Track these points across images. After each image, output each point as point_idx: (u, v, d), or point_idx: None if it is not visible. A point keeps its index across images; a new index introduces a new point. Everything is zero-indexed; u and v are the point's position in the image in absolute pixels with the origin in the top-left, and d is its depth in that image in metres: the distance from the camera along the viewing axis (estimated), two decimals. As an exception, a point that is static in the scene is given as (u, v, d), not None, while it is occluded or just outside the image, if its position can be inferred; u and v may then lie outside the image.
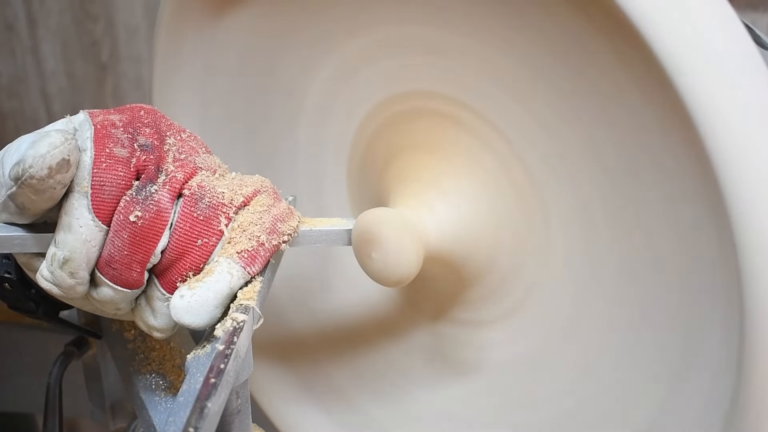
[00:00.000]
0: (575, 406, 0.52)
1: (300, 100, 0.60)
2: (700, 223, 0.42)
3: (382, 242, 0.48)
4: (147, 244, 0.42)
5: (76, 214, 0.41)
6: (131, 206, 0.42)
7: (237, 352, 0.39)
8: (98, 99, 1.27)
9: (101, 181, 0.41)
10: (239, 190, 0.44)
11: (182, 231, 0.43)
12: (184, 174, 0.43)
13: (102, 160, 0.41)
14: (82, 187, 0.41)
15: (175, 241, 0.43)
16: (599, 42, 0.43)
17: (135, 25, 1.20)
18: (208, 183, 0.44)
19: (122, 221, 0.42)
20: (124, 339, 0.58)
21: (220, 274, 0.42)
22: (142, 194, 0.42)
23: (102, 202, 0.41)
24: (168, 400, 0.51)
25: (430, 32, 0.50)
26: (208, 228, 0.43)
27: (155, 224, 0.42)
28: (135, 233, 0.42)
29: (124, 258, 0.42)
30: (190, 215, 0.43)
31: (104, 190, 0.41)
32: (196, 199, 0.43)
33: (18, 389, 0.74)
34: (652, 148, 0.43)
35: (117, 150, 0.42)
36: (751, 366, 0.38)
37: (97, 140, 0.42)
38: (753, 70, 0.37)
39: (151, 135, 0.44)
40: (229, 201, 0.44)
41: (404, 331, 0.62)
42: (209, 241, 0.43)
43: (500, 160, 0.50)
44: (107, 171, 0.41)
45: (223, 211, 0.43)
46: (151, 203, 0.42)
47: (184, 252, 0.43)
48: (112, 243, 0.42)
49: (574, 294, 0.50)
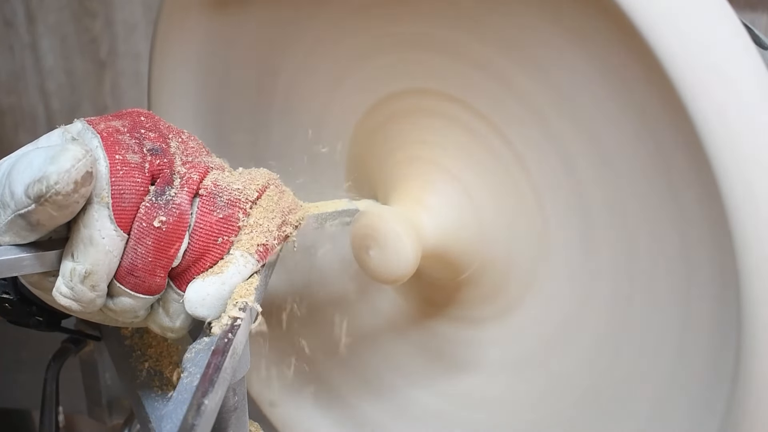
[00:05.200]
0: (573, 405, 0.52)
1: (299, 96, 0.60)
2: (700, 223, 0.42)
3: (380, 240, 0.48)
4: (171, 248, 0.42)
5: (97, 225, 0.40)
6: (154, 211, 0.41)
7: (234, 349, 0.39)
8: (96, 96, 1.26)
9: (121, 189, 0.41)
10: (251, 185, 0.44)
11: (203, 231, 0.42)
12: (198, 174, 0.43)
13: (118, 168, 0.41)
14: (102, 198, 0.40)
15: (196, 242, 0.42)
16: (599, 42, 0.43)
17: (134, 22, 1.20)
18: (222, 180, 0.44)
19: (145, 228, 0.41)
20: (121, 336, 0.58)
21: (237, 267, 0.42)
22: (163, 199, 0.42)
23: (123, 211, 0.41)
24: (165, 397, 0.51)
25: (430, 30, 0.50)
26: (227, 225, 0.43)
27: (178, 227, 0.42)
28: (159, 238, 0.41)
29: (148, 265, 0.42)
30: (209, 214, 0.43)
31: (124, 198, 0.41)
32: (214, 197, 0.43)
33: (15, 385, 0.74)
34: (652, 148, 0.43)
35: (129, 156, 0.41)
36: (747, 369, 0.39)
37: (108, 148, 0.41)
38: (752, 70, 0.37)
39: (156, 139, 0.43)
40: (246, 197, 0.44)
41: (401, 329, 0.62)
42: (229, 238, 0.43)
43: (499, 160, 0.50)
44: (125, 178, 0.41)
45: (240, 207, 0.43)
46: (173, 206, 0.42)
47: (206, 251, 0.43)
48: (134, 251, 0.41)
49: (572, 293, 0.50)
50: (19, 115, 1.29)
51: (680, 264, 0.44)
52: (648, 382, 0.47)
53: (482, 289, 0.54)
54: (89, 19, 1.21)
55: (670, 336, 0.45)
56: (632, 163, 0.44)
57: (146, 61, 0.76)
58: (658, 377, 0.46)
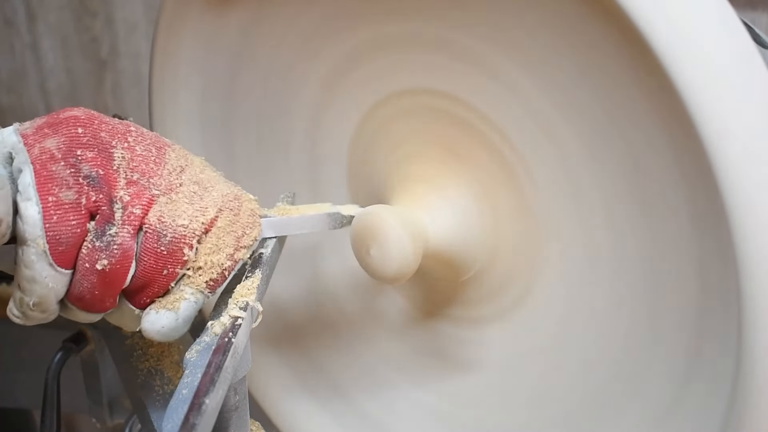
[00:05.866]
0: (573, 404, 0.52)
1: (300, 95, 0.60)
2: (700, 224, 0.42)
3: (381, 239, 0.48)
4: (117, 283, 0.42)
5: (37, 267, 0.40)
6: (95, 254, 0.41)
7: (235, 349, 0.39)
8: (97, 95, 1.26)
9: (56, 234, 0.40)
10: (199, 218, 0.43)
11: (147, 264, 0.42)
12: (141, 209, 0.42)
13: (51, 213, 0.40)
14: (37, 244, 0.39)
15: (141, 272, 0.42)
16: (600, 42, 0.42)
17: (134, 21, 1.20)
18: (167, 214, 0.42)
19: (88, 269, 0.41)
20: (122, 335, 0.58)
21: (188, 303, 0.43)
22: (104, 240, 0.41)
23: (62, 253, 0.40)
24: (166, 396, 0.51)
25: (433, 29, 0.50)
26: (172, 259, 0.43)
27: (123, 266, 0.42)
28: (104, 277, 0.41)
29: (95, 297, 0.42)
30: (154, 251, 0.42)
31: (61, 242, 0.40)
32: (158, 236, 0.42)
33: (16, 385, 0.74)
34: (652, 148, 0.43)
35: (63, 194, 0.40)
36: (747, 370, 0.39)
37: (41, 186, 0.40)
38: (752, 69, 0.37)
39: (95, 160, 0.41)
40: (192, 232, 0.43)
41: (402, 328, 0.62)
42: (174, 269, 0.43)
43: (500, 160, 0.50)
44: (59, 224, 0.40)
45: (186, 242, 0.43)
46: (114, 248, 0.41)
47: (151, 281, 0.43)
48: (80, 284, 0.41)
49: (573, 293, 0.50)
50: (20, 114, 1.29)
51: (680, 264, 0.44)
52: (647, 382, 0.47)
53: (483, 289, 0.54)
54: (90, 18, 1.21)
55: (670, 336, 0.45)
56: (633, 164, 0.44)
57: (147, 61, 0.76)
58: (658, 377, 0.46)
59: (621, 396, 0.49)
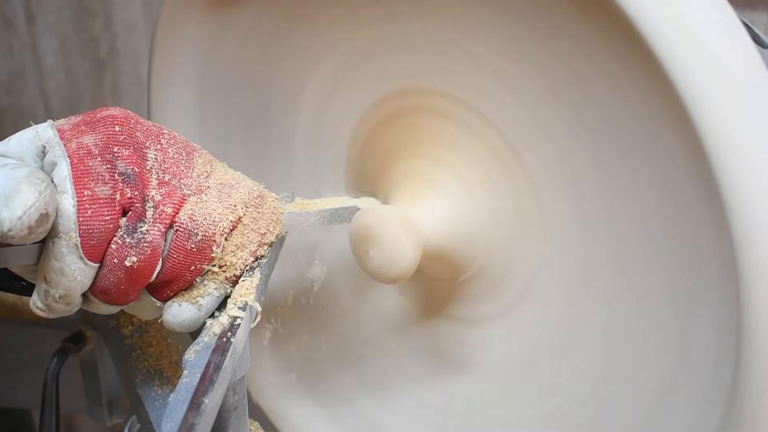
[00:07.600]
0: (573, 403, 0.52)
1: (298, 95, 0.60)
2: (699, 222, 0.42)
3: (380, 239, 0.48)
4: (143, 279, 0.43)
5: (66, 260, 0.40)
6: (125, 250, 0.41)
7: (234, 349, 0.39)
8: (96, 95, 1.26)
9: (89, 228, 0.40)
10: (228, 216, 0.44)
11: (175, 261, 0.43)
12: (173, 207, 0.43)
13: (86, 207, 0.40)
14: (69, 237, 0.40)
15: (168, 269, 0.43)
16: (599, 42, 0.43)
17: (134, 21, 1.20)
18: (198, 213, 0.43)
19: (117, 264, 0.41)
20: (122, 335, 0.58)
21: (211, 298, 0.44)
22: (135, 237, 0.41)
23: (93, 247, 0.41)
24: (165, 396, 0.51)
25: (432, 30, 0.50)
26: (201, 256, 0.43)
27: (150, 264, 0.42)
28: (131, 273, 0.42)
29: (120, 291, 0.42)
30: (183, 248, 0.43)
31: (93, 237, 0.40)
32: (189, 234, 0.43)
33: (15, 385, 0.74)
34: (651, 148, 0.43)
35: (99, 189, 0.40)
36: (747, 370, 0.39)
37: (77, 180, 0.40)
38: (752, 69, 0.37)
39: (130, 158, 0.42)
40: (221, 230, 0.44)
41: (402, 328, 0.62)
42: (201, 266, 0.44)
43: (499, 159, 0.50)
44: (93, 218, 0.40)
45: (215, 240, 0.43)
46: (144, 245, 0.41)
47: (178, 276, 0.43)
48: (107, 278, 0.42)
49: (572, 292, 0.50)
50: (19, 114, 1.29)
51: (679, 264, 0.44)
52: (647, 382, 0.47)
53: (483, 288, 0.54)
54: (89, 18, 1.21)
55: (670, 336, 0.45)
56: (632, 164, 0.44)
57: (146, 61, 0.76)
58: (658, 377, 0.46)
59: (621, 396, 0.49)
